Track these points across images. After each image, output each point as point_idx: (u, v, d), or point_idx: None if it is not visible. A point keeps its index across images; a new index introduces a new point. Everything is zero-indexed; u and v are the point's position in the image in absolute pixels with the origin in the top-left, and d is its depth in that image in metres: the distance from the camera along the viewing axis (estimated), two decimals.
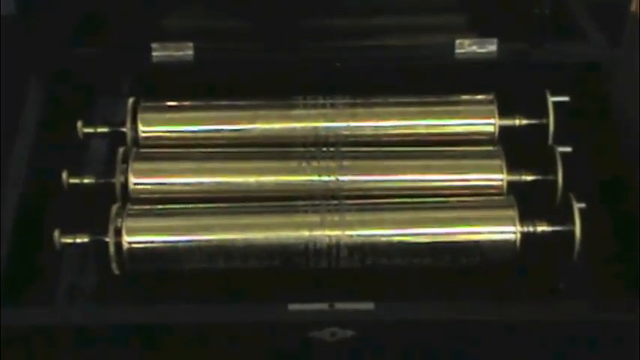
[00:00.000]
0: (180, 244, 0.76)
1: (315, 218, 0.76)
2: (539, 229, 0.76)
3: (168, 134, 0.83)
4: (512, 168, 0.79)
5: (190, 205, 0.78)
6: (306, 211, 0.77)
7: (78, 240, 0.76)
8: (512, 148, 0.81)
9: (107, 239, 0.75)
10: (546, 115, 0.81)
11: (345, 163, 0.80)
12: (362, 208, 0.77)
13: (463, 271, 0.77)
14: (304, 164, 0.80)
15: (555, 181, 0.78)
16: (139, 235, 0.76)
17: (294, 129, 0.82)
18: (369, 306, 0.70)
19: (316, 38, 0.87)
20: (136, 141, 0.82)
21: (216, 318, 0.71)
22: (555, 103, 0.81)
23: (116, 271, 0.76)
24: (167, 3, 0.87)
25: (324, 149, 0.81)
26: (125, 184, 0.79)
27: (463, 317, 0.71)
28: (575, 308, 0.72)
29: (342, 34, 0.88)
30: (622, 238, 0.76)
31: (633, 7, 0.98)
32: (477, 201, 0.78)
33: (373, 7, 0.87)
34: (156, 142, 0.82)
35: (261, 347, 0.72)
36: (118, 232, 0.75)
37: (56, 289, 0.78)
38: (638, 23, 0.97)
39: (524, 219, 0.76)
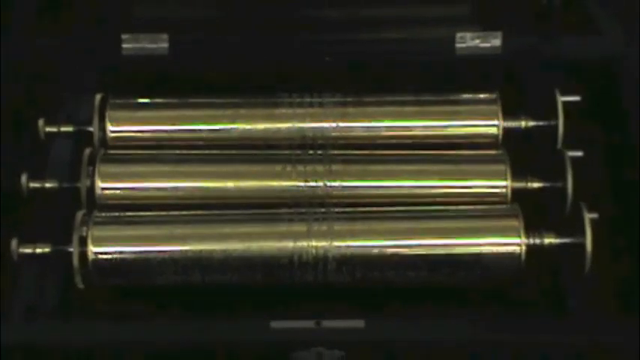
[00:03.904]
0: (151, 255, 0.76)
1: (301, 228, 0.76)
2: (547, 240, 0.76)
3: (139, 134, 0.82)
4: (517, 174, 0.79)
5: (163, 213, 0.78)
6: (290, 220, 0.77)
7: (38, 250, 0.76)
8: (517, 152, 0.81)
9: (71, 249, 0.75)
10: (555, 116, 0.81)
11: (334, 167, 0.79)
12: (352, 217, 0.77)
13: (462, 285, 0.77)
14: (289, 168, 0.79)
15: (565, 189, 0.77)
16: (107, 245, 0.76)
17: (279, 129, 0.82)
18: (359, 324, 0.71)
19: (303, 30, 0.88)
20: (104, 141, 0.82)
21: (191, 336, 0.72)
22: (565, 103, 0.81)
23: (80, 285, 0.76)
24: None
25: (312, 152, 0.81)
26: (91, 189, 0.79)
27: (462, 338, 0.71)
28: (586, 328, 0.72)
29: (332, 26, 0.88)
30: (638, 251, 0.76)
31: None
32: (478, 210, 0.78)
33: None
34: (126, 143, 0.82)
35: None
36: (83, 242, 0.75)
37: (13, 304, 0.76)
38: None
39: (529, 230, 0.76)
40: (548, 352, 0.71)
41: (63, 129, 0.82)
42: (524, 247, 0.76)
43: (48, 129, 0.82)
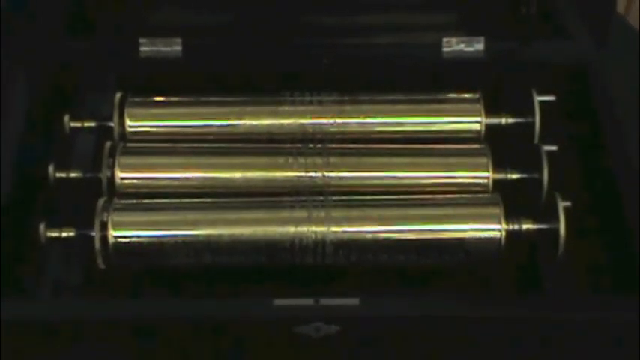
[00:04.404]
0: (166, 238, 0.76)
1: (302, 214, 0.76)
2: (524, 227, 0.76)
3: (155, 129, 0.82)
4: (497, 166, 0.79)
5: (177, 200, 0.78)
6: (292, 207, 0.77)
7: (64, 234, 0.76)
8: (498, 146, 0.80)
9: (93, 233, 0.75)
10: (532, 114, 0.81)
11: (332, 159, 0.79)
12: (348, 205, 0.77)
13: (448, 267, 0.77)
14: (291, 160, 0.79)
15: (541, 180, 0.77)
16: (125, 230, 0.75)
17: (282, 125, 0.82)
18: (354, 301, 0.70)
19: (304, 35, 0.88)
20: (123, 136, 0.82)
21: (202, 313, 0.71)
22: (541, 102, 0.81)
23: (102, 266, 0.76)
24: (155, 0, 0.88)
25: (311, 146, 0.81)
26: (112, 179, 0.78)
27: (448, 314, 0.71)
28: (560, 305, 0.72)
29: (331, 31, 0.88)
30: (607, 237, 0.76)
31: (620, 9, 0.99)
32: (462, 198, 0.78)
33: (362, 4, 0.88)
34: (143, 137, 0.82)
35: (246, 342, 0.72)
36: (104, 227, 0.75)
37: (41, 283, 0.77)
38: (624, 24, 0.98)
39: (509, 217, 0.76)
40: (525, 326, 0.71)
41: (86, 124, 0.82)
42: (504, 233, 0.76)
43: (73, 124, 0.82)
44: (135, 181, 0.79)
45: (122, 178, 0.79)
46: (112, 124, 0.82)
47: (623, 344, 0.71)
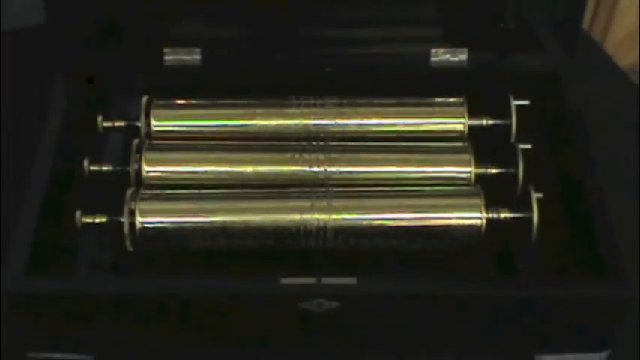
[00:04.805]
0: (186, 224, 0.76)
1: (306, 204, 0.76)
2: (502, 215, 0.76)
3: (177, 128, 0.83)
4: (479, 162, 0.80)
5: (196, 191, 0.78)
6: (297, 198, 0.77)
7: (97, 220, 0.76)
8: (479, 144, 0.81)
9: (122, 220, 0.75)
10: (509, 116, 0.81)
11: (333, 155, 0.80)
12: (347, 195, 0.78)
13: (435, 251, 0.78)
14: (297, 156, 0.80)
15: (516, 174, 0.78)
16: (151, 217, 0.76)
17: (288, 125, 0.82)
18: (352, 281, 0.71)
19: (309, 46, 0.87)
20: (149, 134, 0.82)
21: (217, 290, 0.72)
22: (517, 106, 0.82)
23: (130, 248, 0.77)
24: (178, 12, 0.87)
25: (315, 143, 0.81)
26: (139, 172, 0.79)
27: (434, 292, 0.71)
28: (532, 286, 0.73)
29: (332, 43, 0.88)
30: (576, 225, 0.77)
31: (585, 25, 0.99)
32: (447, 190, 0.79)
33: (359, 20, 0.88)
34: (166, 136, 0.82)
35: (256, 316, 0.73)
36: (132, 214, 0.76)
37: (77, 263, 0.78)
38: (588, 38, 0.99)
39: (488, 207, 0.76)
40: (501, 302, 0.72)
41: (117, 124, 0.83)
42: (484, 221, 0.76)
43: (105, 124, 0.82)
44: (159, 174, 0.79)
45: (148, 172, 0.79)
46: (139, 124, 0.82)
47: (587, 318, 0.72)
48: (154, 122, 0.82)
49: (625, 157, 0.87)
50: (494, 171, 0.80)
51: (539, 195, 0.76)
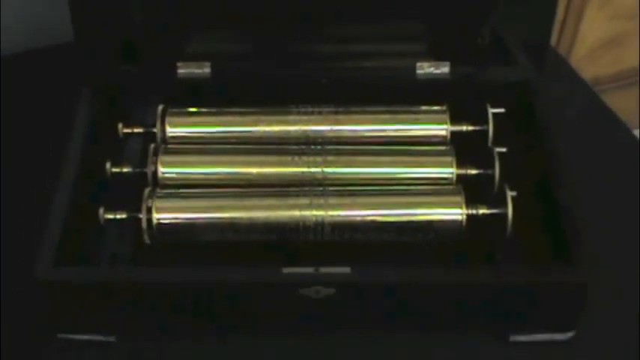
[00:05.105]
0: (198, 220, 0.77)
1: (305, 201, 0.77)
2: (481, 211, 0.77)
3: (189, 134, 0.83)
4: (460, 164, 0.80)
5: (206, 190, 0.79)
6: (297, 196, 0.77)
7: (118, 216, 0.77)
8: (460, 148, 0.82)
9: (141, 216, 0.76)
10: (487, 122, 0.82)
11: (329, 158, 0.80)
12: (342, 194, 0.78)
13: (420, 244, 0.78)
14: (296, 159, 0.80)
15: (493, 175, 0.79)
16: (166, 213, 0.76)
17: (289, 131, 0.83)
18: (346, 270, 0.71)
19: (307, 60, 0.88)
20: (164, 139, 0.83)
21: (225, 279, 0.72)
22: (494, 114, 0.82)
23: (147, 242, 0.77)
24: (190, 31, 0.87)
25: (312, 147, 0.81)
26: (155, 173, 0.79)
27: (420, 280, 0.73)
28: (507, 274, 0.74)
29: (328, 58, 0.88)
30: (547, 220, 0.78)
31: (553, 43, 1.01)
32: (432, 189, 0.79)
33: (352, 37, 0.88)
34: (179, 140, 0.83)
35: (261, 301, 0.74)
36: (149, 211, 0.76)
37: (101, 254, 0.79)
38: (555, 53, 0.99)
39: (468, 204, 0.77)
40: (480, 289, 0.73)
41: (135, 130, 0.83)
42: (464, 216, 0.76)
43: (125, 130, 0.83)
44: (173, 175, 0.80)
45: (163, 173, 0.80)
46: (155, 130, 0.82)
47: (555, 302, 0.73)
48: (168, 128, 0.82)
49: (590, 157, 0.88)
50: (473, 172, 0.80)
51: (514, 193, 0.76)
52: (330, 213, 0.77)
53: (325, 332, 0.76)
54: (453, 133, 0.83)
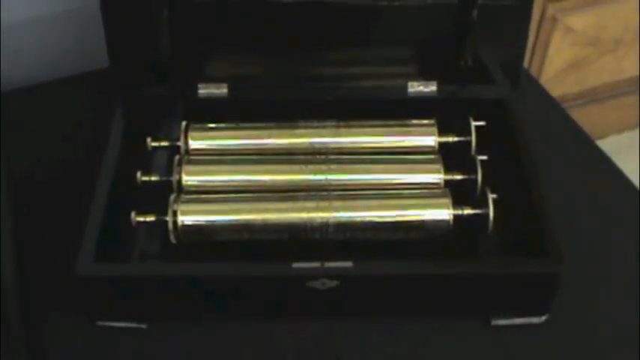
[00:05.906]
0: (217, 222, 0.76)
1: (312, 204, 0.76)
2: (466, 212, 0.77)
3: (209, 147, 0.83)
4: (447, 170, 0.80)
5: (225, 195, 0.79)
6: (305, 200, 0.77)
7: (148, 219, 0.76)
8: (447, 156, 0.82)
9: (167, 218, 0.75)
10: (470, 134, 0.82)
11: (332, 166, 0.80)
12: (344, 198, 0.77)
13: (413, 241, 0.78)
14: (304, 167, 0.80)
15: (476, 180, 0.79)
16: (189, 216, 0.76)
17: (297, 143, 0.82)
18: (348, 264, 0.71)
19: (313, 81, 0.88)
20: (187, 151, 0.82)
21: (242, 273, 0.72)
22: (476, 126, 0.83)
23: (173, 241, 0.77)
24: (209, 56, 0.88)
25: (318, 157, 0.81)
26: (179, 181, 0.79)
27: (414, 272, 0.73)
28: (490, 266, 0.75)
29: (331, 79, 0.88)
30: (523, 218, 0.78)
31: (525, 64, 1.02)
32: (422, 193, 0.79)
33: (352, 60, 0.89)
34: (201, 152, 0.83)
35: (273, 293, 0.74)
36: (175, 214, 0.75)
37: (133, 252, 0.79)
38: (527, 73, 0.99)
39: (455, 205, 0.76)
40: (466, 280, 0.73)
41: (162, 144, 0.83)
42: (451, 216, 0.76)
43: (153, 144, 0.83)
44: (195, 182, 0.79)
45: (187, 181, 0.79)
46: (179, 144, 0.82)
47: (531, 289, 0.73)
48: (191, 142, 0.82)
49: (559, 163, 0.88)
50: (458, 177, 0.80)
51: (494, 195, 0.76)
52: (334, 214, 0.76)
53: (330, 319, 0.75)
54: (440, 143, 0.83)
